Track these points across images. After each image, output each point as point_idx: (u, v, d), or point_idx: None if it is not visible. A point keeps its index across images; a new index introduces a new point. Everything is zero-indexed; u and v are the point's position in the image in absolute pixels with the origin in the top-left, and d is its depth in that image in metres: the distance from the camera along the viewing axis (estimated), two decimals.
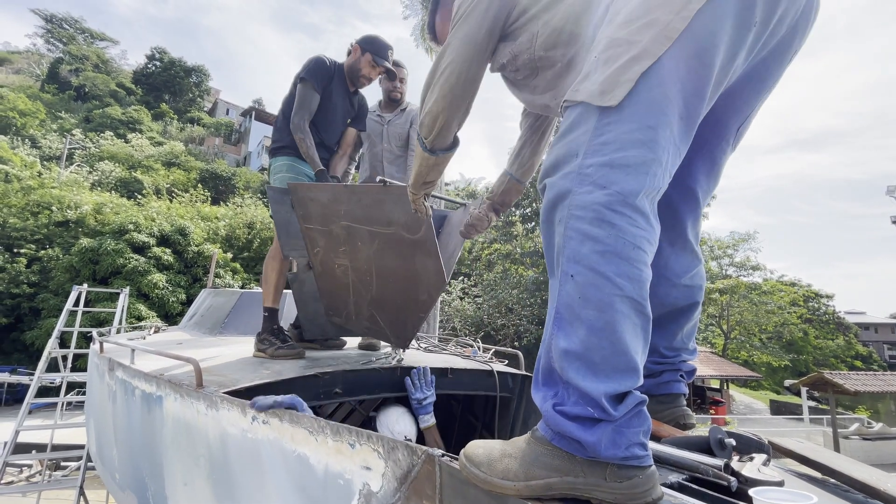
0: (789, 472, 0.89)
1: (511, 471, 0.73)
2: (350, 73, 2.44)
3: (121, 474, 2.15)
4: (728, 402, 22.46)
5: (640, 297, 0.75)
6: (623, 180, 0.76)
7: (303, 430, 1.08)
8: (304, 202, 2.05)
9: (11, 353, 17.95)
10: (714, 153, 1.06)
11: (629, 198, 0.75)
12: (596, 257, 0.74)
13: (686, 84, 0.79)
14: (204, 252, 18.93)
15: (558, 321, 0.77)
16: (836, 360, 34.78)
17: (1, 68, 43.69)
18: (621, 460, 0.69)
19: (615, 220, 0.75)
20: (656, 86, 0.78)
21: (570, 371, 0.73)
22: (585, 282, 0.74)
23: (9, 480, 6.74)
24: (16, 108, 30.62)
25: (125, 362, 1.96)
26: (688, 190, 1.07)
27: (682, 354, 1.13)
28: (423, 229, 1.72)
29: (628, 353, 0.72)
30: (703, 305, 15.23)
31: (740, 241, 29.55)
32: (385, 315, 2.04)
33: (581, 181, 0.78)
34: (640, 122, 0.77)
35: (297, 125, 2.27)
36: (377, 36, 2.42)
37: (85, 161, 28.14)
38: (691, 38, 0.78)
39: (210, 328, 3.42)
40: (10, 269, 17.59)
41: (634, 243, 0.75)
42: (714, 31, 0.79)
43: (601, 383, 0.70)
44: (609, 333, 0.72)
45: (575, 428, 0.71)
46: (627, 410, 0.71)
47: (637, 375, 0.73)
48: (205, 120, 44.32)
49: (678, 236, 1.10)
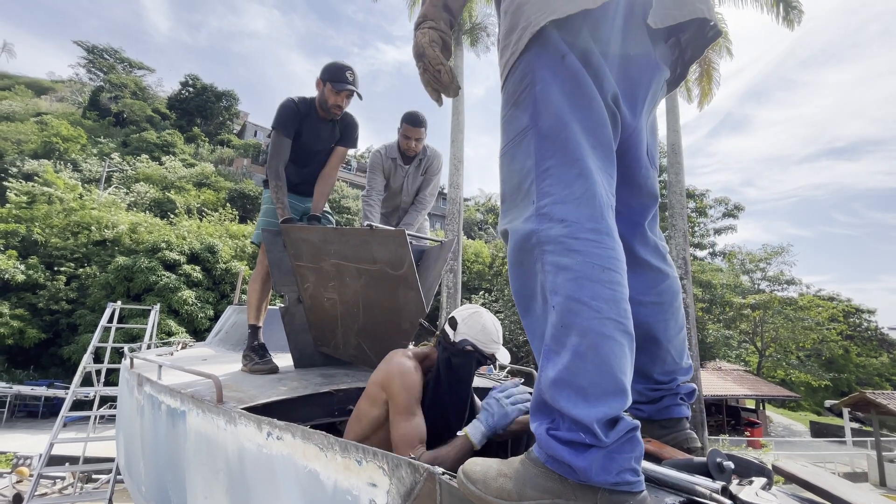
0: (793, 497, 0.88)
1: (505, 490, 0.75)
2: (321, 106, 2.54)
3: (147, 487, 2.23)
4: (765, 423, 21.48)
5: (619, 317, 0.77)
6: (575, 211, 0.83)
7: (314, 446, 1.12)
8: (296, 243, 2.28)
9: (49, 368, 18.69)
10: (636, 178, 1.14)
11: (587, 223, 0.82)
12: (570, 285, 0.78)
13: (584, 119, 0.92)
14: (231, 269, 19.46)
15: (546, 353, 0.81)
16: (881, 378, 32.94)
17: (45, 97, 46.49)
18: (612, 486, 0.70)
19: (580, 246, 0.80)
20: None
21: (560, 400, 0.75)
22: (564, 310, 0.78)
23: (43, 492, 6.98)
24: (59, 133, 32.45)
25: (153, 378, 2.05)
26: (621, 217, 1.12)
27: (678, 376, 1.13)
28: (406, 265, 1.92)
29: (614, 374, 0.74)
30: (735, 322, 14.64)
31: (773, 254, 28.56)
32: (371, 343, 2.20)
33: (541, 220, 0.85)
34: (570, 158, 0.88)
35: (271, 172, 2.46)
36: (333, 62, 2.51)
37: (122, 183, 29.49)
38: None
39: (234, 344, 3.52)
40: (51, 286, 18.44)
41: (603, 265, 0.79)
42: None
43: (592, 408, 0.72)
44: (593, 356, 0.74)
45: (567, 453, 0.73)
46: (619, 436, 0.72)
47: (625, 396, 0.75)
48: (234, 142, 45.93)
49: (629, 257, 1.12)
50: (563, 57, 0.94)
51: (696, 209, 24.04)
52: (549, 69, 0.94)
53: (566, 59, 0.93)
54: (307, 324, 2.41)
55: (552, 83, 0.93)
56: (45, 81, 51.92)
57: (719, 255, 27.64)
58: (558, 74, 0.93)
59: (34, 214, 20.44)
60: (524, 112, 0.95)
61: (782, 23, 13.06)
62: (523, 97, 0.96)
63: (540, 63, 0.95)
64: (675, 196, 13.96)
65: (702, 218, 24.69)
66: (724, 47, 13.77)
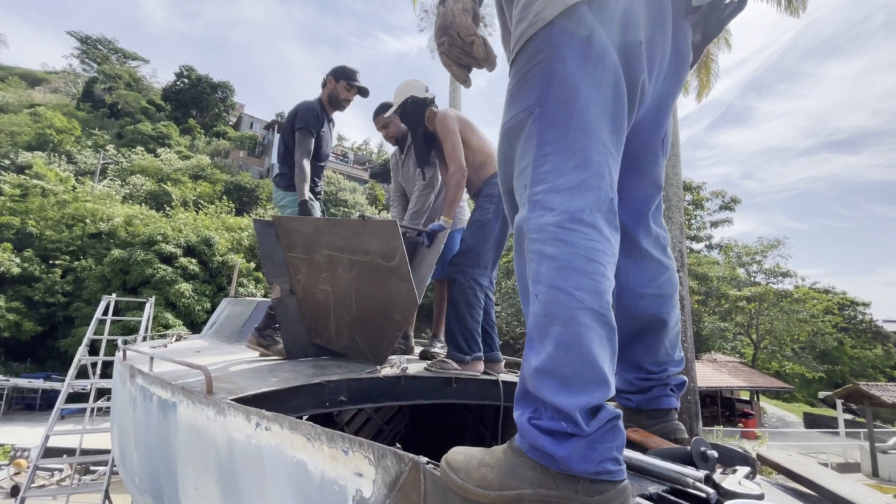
0: (776, 486, 0.88)
1: (486, 479, 0.75)
2: (331, 101, 2.87)
3: (140, 478, 2.23)
4: (759, 414, 21.67)
5: (602, 308, 0.77)
6: (567, 201, 0.81)
7: (301, 436, 1.12)
8: (288, 233, 2.29)
9: (46, 360, 18.68)
10: (644, 166, 1.12)
11: (577, 214, 0.81)
12: (554, 274, 0.78)
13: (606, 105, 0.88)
14: (228, 262, 19.41)
15: (529, 342, 0.81)
16: (875, 370, 33.20)
17: (39, 88, 46.00)
18: (593, 475, 0.70)
19: (566, 237, 0.79)
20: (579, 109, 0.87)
21: (543, 389, 0.75)
22: (548, 299, 0.77)
23: (41, 484, 7.00)
24: (53, 125, 32.16)
25: (144, 369, 2.05)
26: (625, 204, 1.10)
27: (669, 368, 1.12)
28: (398, 257, 1.93)
29: (597, 364, 0.74)
30: (731, 314, 14.77)
31: (769, 247, 28.62)
32: (363, 335, 2.21)
33: (532, 208, 0.84)
34: (572, 147, 0.85)
35: (299, 166, 2.65)
36: (345, 65, 2.88)
37: (117, 175, 29.29)
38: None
39: (228, 336, 3.52)
40: (46, 279, 18.38)
41: (588, 256, 0.78)
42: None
43: (574, 398, 0.72)
44: (576, 346, 0.74)
45: (548, 442, 0.73)
46: (601, 425, 0.72)
47: (608, 387, 0.75)
48: (230, 133, 45.62)
49: (632, 247, 1.13)
50: (591, 35, 0.88)
51: (693, 202, 24.04)
52: (573, 48, 0.88)
53: (593, 38, 0.88)
54: (300, 315, 2.41)
55: (574, 63, 0.87)
56: (39, 72, 51.32)
57: (716, 247, 27.67)
58: (582, 53, 0.88)
59: (28, 207, 20.30)
60: (531, 90, 0.91)
61: (785, 11, 12.97)
62: (533, 73, 0.91)
63: (563, 40, 0.88)
64: (672, 188, 13.92)
65: (699, 210, 24.70)
66: (723, 38, 13.69)
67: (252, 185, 32.11)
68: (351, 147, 58.34)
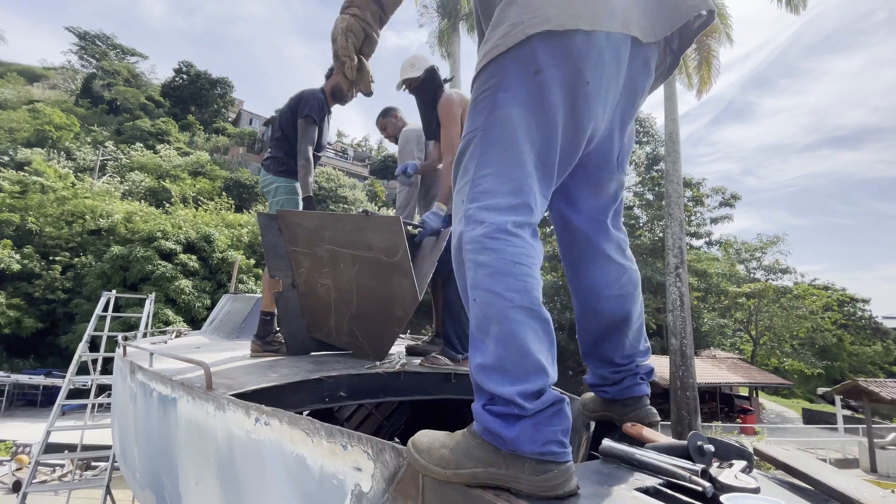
0: (773, 480, 0.88)
1: (444, 459, 0.83)
2: (334, 93, 2.78)
3: (141, 473, 2.25)
4: (758, 410, 21.74)
5: (532, 304, 0.85)
6: (495, 217, 0.91)
7: (300, 431, 1.13)
8: (291, 227, 2.29)
9: (47, 357, 18.74)
10: (600, 181, 1.18)
11: (503, 226, 0.89)
12: (487, 279, 0.87)
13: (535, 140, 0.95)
14: (228, 258, 19.42)
15: (472, 342, 0.89)
16: (874, 367, 33.28)
17: (37, 84, 45.85)
18: (539, 455, 0.77)
19: (494, 245, 0.88)
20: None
21: (488, 382, 0.83)
22: (484, 302, 0.86)
23: (42, 479, 7.03)
24: (52, 122, 32.09)
25: (145, 365, 2.06)
26: (585, 214, 1.21)
27: (636, 358, 1.21)
28: (400, 253, 1.93)
29: (533, 355, 0.81)
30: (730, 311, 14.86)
31: (768, 243, 28.64)
32: (364, 330, 2.22)
33: (467, 222, 0.93)
34: (506, 172, 0.93)
35: (302, 155, 2.61)
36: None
37: (116, 172, 29.27)
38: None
39: (228, 332, 3.53)
40: (46, 275, 18.40)
41: (514, 260, 0.87)
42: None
43: (514, 386, 0.80)
44: (512, 341, 0.82)
45: (498, 424, 0.80)
46: (544, 407, 0.79)
47: (546, 375, 0.82)
48: (229, 130, 45.54)
49: (594, 252, 1.21)
50: (538, 72, 0.93)
51: (693, 198, 24.00)
52: (519, 79, 0.94)
53: (540, 76, 0.93)
54: (300, 309, 2.41)
55: (516, 95, 0.94)
56: (38, 68, 51.13)
57: (715, 244, 27.67)
58: (525, 87, 0.94)
59: (28, 204, 20.30)
60: (480, 113, 0.98)
61: (785, 8, 12.93)
62: (483, 97, 0.98)
63: (513, 70, 0.94)
64: (672, 185, 13.92)
65: (699, 207, 24.67)
66: (723, 34, 13.63)
67: (251, 181, 32.09)
68: (351, 143, 58.27)
